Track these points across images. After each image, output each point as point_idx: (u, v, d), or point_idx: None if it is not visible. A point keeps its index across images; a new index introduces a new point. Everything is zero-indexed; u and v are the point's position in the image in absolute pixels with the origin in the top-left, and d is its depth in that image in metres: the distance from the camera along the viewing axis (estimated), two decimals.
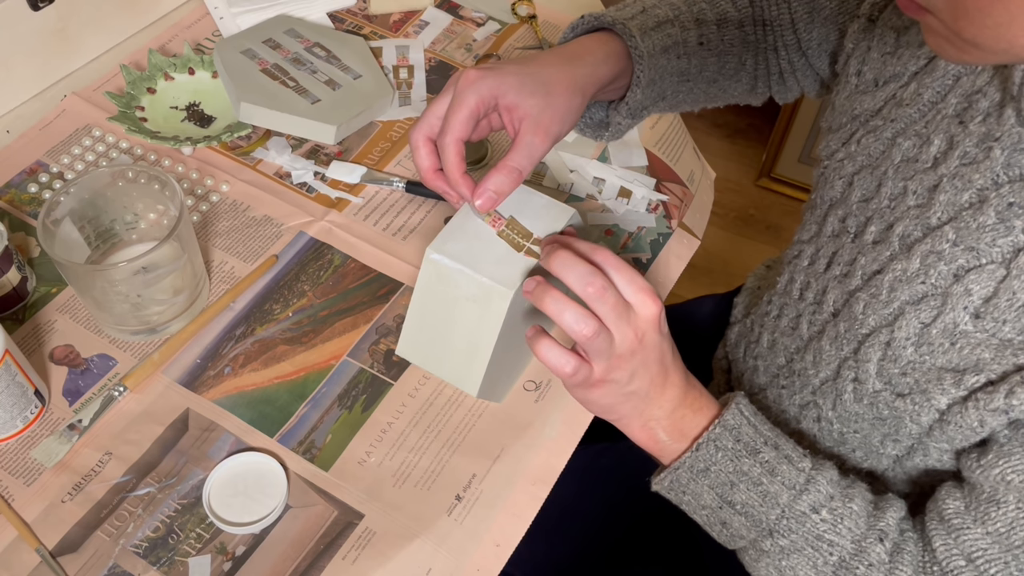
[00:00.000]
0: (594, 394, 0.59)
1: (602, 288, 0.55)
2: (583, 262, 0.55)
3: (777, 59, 0.80)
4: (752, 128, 2.11)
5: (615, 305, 0.55)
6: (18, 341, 0.74)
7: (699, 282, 1.69)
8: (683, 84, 0.76)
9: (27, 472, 0.67)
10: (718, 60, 0.77)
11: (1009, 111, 0.54)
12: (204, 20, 1.03)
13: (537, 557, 0.81)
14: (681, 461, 0.60)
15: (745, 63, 0.79)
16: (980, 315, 0.54)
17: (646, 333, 0.57)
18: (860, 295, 0.61)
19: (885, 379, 0.59)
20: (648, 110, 0.75)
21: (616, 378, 0.58)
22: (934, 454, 0.59)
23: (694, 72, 0.76)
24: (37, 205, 0.84)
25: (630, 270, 0.56)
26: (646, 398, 0.59)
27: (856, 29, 0.69)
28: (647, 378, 0.58)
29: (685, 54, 0.74)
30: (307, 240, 0.83)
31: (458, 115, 0.60)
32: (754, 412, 0.61)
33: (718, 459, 0.59)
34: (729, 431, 0.60)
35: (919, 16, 0.49)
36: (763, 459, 0.59)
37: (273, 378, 0.73)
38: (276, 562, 0.64)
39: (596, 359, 0.57)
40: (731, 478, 0.59)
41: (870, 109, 0.66)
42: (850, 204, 0.65)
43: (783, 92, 0.84)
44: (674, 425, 0.61)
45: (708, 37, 0.75)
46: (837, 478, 0.60)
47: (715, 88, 0.80)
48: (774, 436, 0.61)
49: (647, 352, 0.57)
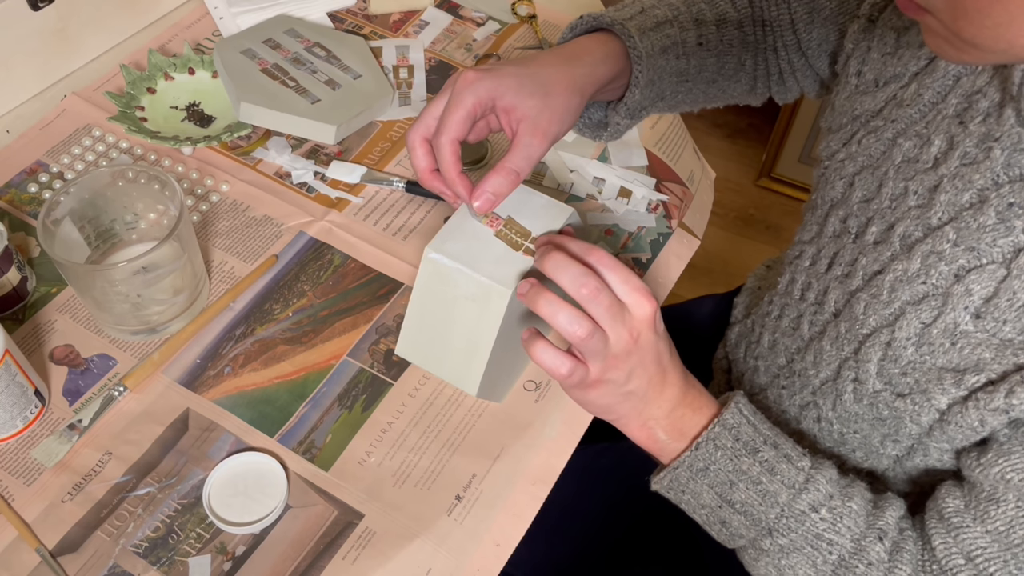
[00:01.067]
0: (591, 395, 0.59)
1: (595, 289, 0.54)
2: (576, 263, 0.55)
3: (776, 59, 0.80)
4: (752, 128, 2.11)
5: (609, 306, 0.55)
6: (18, 341, 0.74)
7: (699, 282, 1.69)
8: (682, 84, 0.76)
9: (27, 472, 0.67)
10: (717, 60, 0.77)
11: (1009, 111, 0.54)
12: (204, 20, 1.03)
13: (537, 557, 0.81)
14: (680, 460, 0.60)
15: (744, 63, 0.79)
16: (981, 315, 0.54)
17: (641, 333, 0.57)
18: (861, 295, 0.61)
19: (885, 379, 0.59)
20: (647, 110, 0.75)
21: (613, 378, 0.58)
22: (934, 454, 0.59)
23: (693, 72, 0.76)
24: (37, 205, 0.84)
25: (624, 270, 0.56)
26: (644, 398, 0.59)
27: (856, 29, 0.69)
28: (644, 378, 0.58)
29: (684, 54, 0.74)
30: (307, 240, 0.83)
31: (454, 115, 0.60)
32: (753, 411, 0.61)
33: (717, 458, 0.59)
34: (728, 430, 0.60)
35: (918, 16, 0.49)
36: (762, 458, 0.59)
37: (273, 378, 0.73)
38: (276, 562, 0.64)
39: (592, 360, 0.57)
40: (730, 477, 0.59)
41: (871, 110, 0.66)
42: (851, 205, 0.65)
43: (783, 92, 0.84)
44: (673, 424, 0.61)
45: (707, 37, 0.75)
46: (836, 477, 0.60)
47: (714, 88, 0.80)
48: (773, 435, 0.61)
49: (643, 352, 0.57)
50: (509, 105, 0.61)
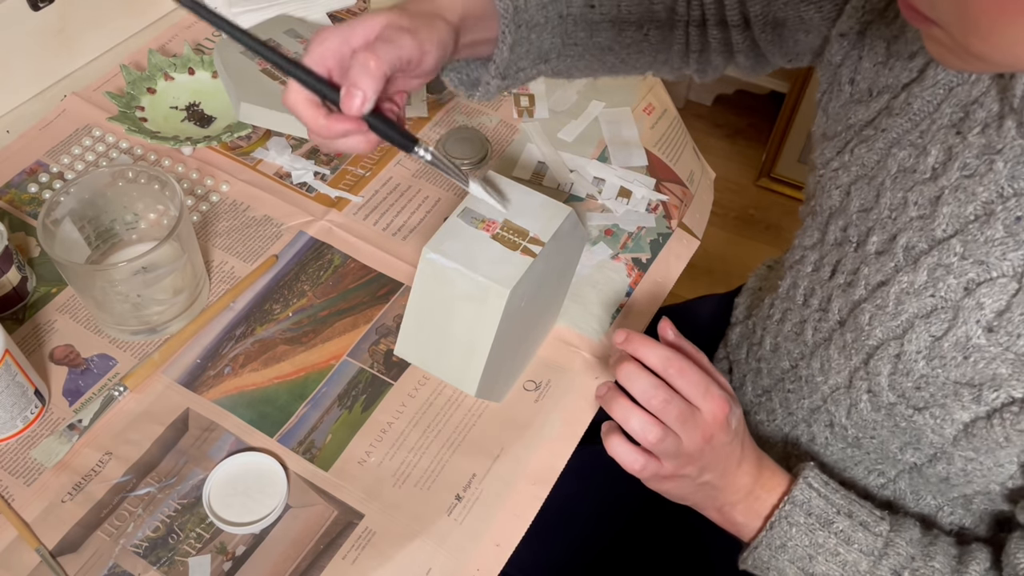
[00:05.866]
0: (666, 485, 0.62)
1: (664, 402, 0.57)
2: (646, 375, 0.58)
3: (703, 35, 0.74)
4: (752, 128, 2.11)
5: (679, 414, 0.57)
6: (18, 341, 0.74)
7: (699, 282, 1.68)
8: (569, 48, 0.70)
9: (27, 472, 0.67)
10: (613, 27, 0.71)
11: (1009, 123, 0.53)
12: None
13: (537, 557, 0.80)
14: (758, 540, 0.62)
15: (648, 35, 0.73)
16: (993, 329, 0.53)
17: (715, 435, 0.59)
18: (865, 306, 0.61)
19: (899, 392, 0.59)
20: (525, 72, 0.68)
21: (687, 473, 0.60)
22: (959, 463, 0.59)
23: (582, 38, 0.70)
24: (37, 205, 0.84)
25: (695, 373, 0.58)
26: (718, 487, 0.62)
27: (843, 42, 0.67)
28: (718, 471, 0.61)
29: (569, 15, 0.68)
30: (307, 240, 0.83)
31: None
32: (824, 482, 0.63)
33: (793, 535, 0.61)
34: (799, 506, 0.61)
35: (924, 26, 0.48)
36: (837, 529, 0.60)
37: (273, 378, 0.73)
38: (276, 562, 0.64)
39: (664, 459, 0.59)
40: (808, 552, 0.61)
41: (864, 119, 0.65)
42: (849, 214, 0.65)
43: (704, 70, 0.78)
44: (749, 507, 0.63)
45: (601, 1, 0.70)
46: (918, 537, 0.60)
47: (612, 57, 0.74)
48: (847, 503, 0.62)
49: (716, 451, 0.60)
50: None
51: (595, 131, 0.94)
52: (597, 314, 0.80)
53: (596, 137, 0.94)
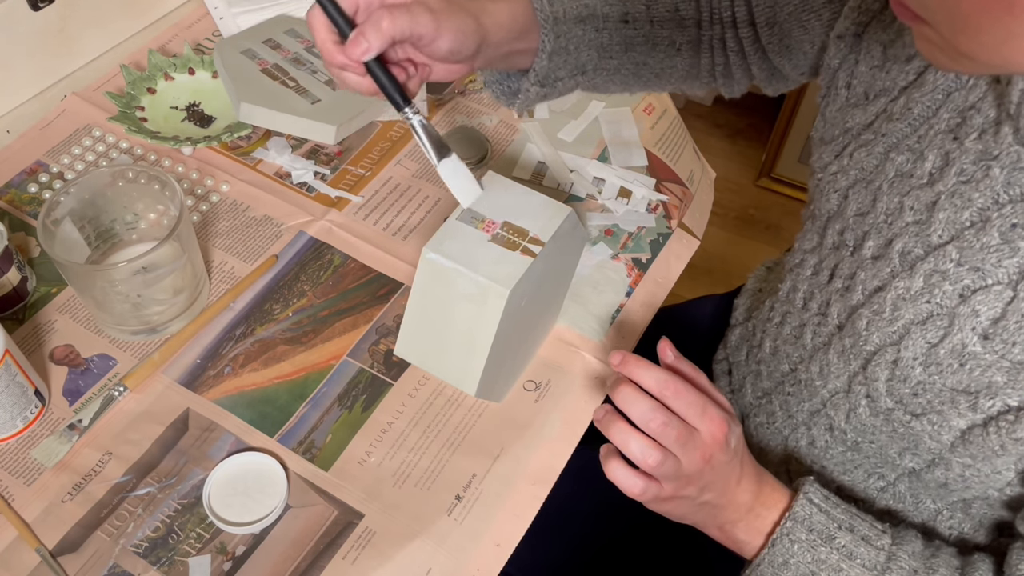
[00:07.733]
0: (667, 506, 0.62)
1: (662, 424, 0.57)
2: (644, 397, 0.58)
3: (725, 53, 0.76)
4: (752, 128, 2.11)
5: (678, 436, 0.58)
6: (18, 341, 0.74)
7: (699, 282, 1.68)
8: (606, 61, 0.72)
9: (27, 472, 0.67)
10: (646, 42, 0.73)
11: (1006, 129, 0.53)
12: (204, 20, 1.03)
13: (537, 557, 0.80)
14: (761, 557, 0.62)
15: (680, 50, 0.75)
16: (989, 336, 0.53)
17: (714, 455, 0.59)
18: (863, 312, 0.61)
19: (896, 398, 0.59)
20: (564, 82, 0.70)
21: (687, 494, 0.60)
22: (956, 468, 0.59)
23: (618, 50, 0.72)
24: (37, 205, 0.84)
25: (692, 393, 0.58)
26: (718, 506, 0.62)
27: (841, 45, 0.67)
28: (718, 490, 0.61)
29: (605, 28, 0.70)
30: (307, 240, 0.83)
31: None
32: (825, 496, 0.62)
33: (795, 551, 0.61)
34: (800, 523, 0.61)
35: (914, 24, 0.48)
36: (839, 544, 0.60)
37: (273, 378, 0.74)
38: (276, 562, 0.64)
39: (664, 481, 0.59)
40: (811, 568, 0.60)
41: (862, 123, 0.65)
42: (847, 218, 0.65)
43: (729, 86, 0.80)
44: (750, 525, 0.63)
45: (634, 16, 0.71)
46: (920, 549, 0.60)
47: (647, 71, 0.75)
48: (848, 518, 0.61)
49: (715, 471, 0.60)
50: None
51: (595, 131, 0.95)
52: (597, 314, 0.80)
53: (596, 137, 0.94)
